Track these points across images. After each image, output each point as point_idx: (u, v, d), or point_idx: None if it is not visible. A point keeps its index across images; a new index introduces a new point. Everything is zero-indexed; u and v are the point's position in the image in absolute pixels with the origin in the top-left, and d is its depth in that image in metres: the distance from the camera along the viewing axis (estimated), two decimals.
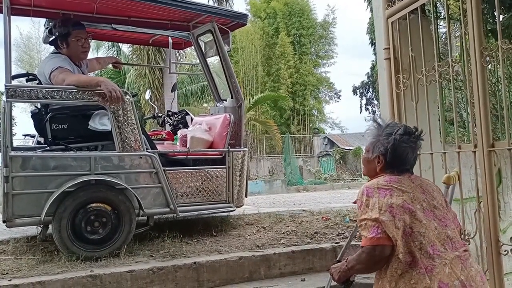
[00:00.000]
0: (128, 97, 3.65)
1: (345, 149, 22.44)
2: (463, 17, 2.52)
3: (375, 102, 29.42)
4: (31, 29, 34.66)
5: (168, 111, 5.27)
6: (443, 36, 7.61)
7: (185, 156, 4.05)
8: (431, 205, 1.87)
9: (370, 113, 30.32)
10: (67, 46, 3.84)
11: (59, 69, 3.62)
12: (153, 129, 5.68)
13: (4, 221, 3.28)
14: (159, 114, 5.36)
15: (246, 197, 4.46)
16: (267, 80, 25.29)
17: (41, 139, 4.12)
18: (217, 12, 4.44)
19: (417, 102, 2.89)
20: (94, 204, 3.49)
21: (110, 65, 5.17)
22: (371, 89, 29.52)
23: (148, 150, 3.75)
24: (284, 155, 19.11)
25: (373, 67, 26.19)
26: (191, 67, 19.19)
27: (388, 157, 1.94)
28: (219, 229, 4.26)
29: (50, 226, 3.48)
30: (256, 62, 23.62)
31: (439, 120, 2.98)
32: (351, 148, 22.03)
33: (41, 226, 3.71)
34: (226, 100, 4.52)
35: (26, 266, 3.19)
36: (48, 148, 3.72)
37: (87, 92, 3.52)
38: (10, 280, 2.88)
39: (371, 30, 21.91)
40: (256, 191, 13.46)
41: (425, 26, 3.03)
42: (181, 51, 13.77)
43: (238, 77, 19.98)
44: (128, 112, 3.61)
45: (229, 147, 4.14)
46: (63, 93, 3.46)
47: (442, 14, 4.77)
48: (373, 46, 21.93)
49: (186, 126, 4.85)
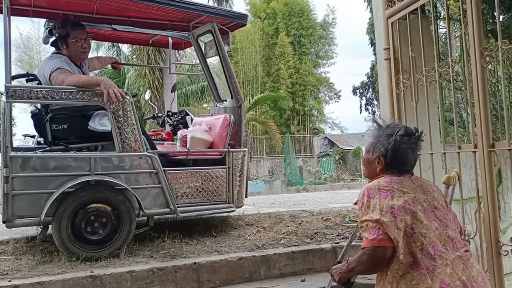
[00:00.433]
0: (128, 98, 3.65)
1: (345, 149, 22.46)
2: (463, 17, 2.51)
3: (375, 103, 29.41)
4: (31, 30, 34.67)
5: (168, 112, 5.27)
6: (443, 37, 7.62)
7: (185, 157, 4.05)
8: (432, 206, 1.87)
9: (370, 114, 30.33)
10: (67, 47, 3.85)
11: (59, 70, 3.62)
12: (153, 130, 5.69)
13: (4, 222, 3.28)
14: (159, 115, 5.36)
15: (246, 198, 4.46)
16: (267, 80, 25.30)
17: (41, 140, 4.13)
18: (217, 13, 4.44)
19: (417, 103, 2.89)
20: (94, 205, 3.49)
21: (110, 65, 5.17)
22: (371, 89, 29.50)
23: (148, 151, 3.75)
24: (284, 156, 19.12)
25: (373, 67, 26.17)
26: (191, 68, 19.18)
27: (389, 158, 1.94)
28: (219, 230, 4.26)
29: (50, 227, 3.48)
30: (256, 63, 23.62)
31: (439, 121, 2.97)
32: (351, 149, 22.04)
33: (41, 227, 3.72)
34: (226, 101, 4.52)
35: (26, 267, 3.19)
36: (48, 149, 3.72)
37: (87, 93, 3.52)
38: (10, 281, 2.88)
39: (371, 30, 21.90)
40: (256, 192, 13.47)
41: (425, 27, 3.03)
42: (181, 52, 13.78)
43: (238, 78, 19.98)
44: (128, 113, 3.61)
45: (229, 148, 4.14)
46: (63, 94, 3.46)
47: (442, 15, 4.77)
48: (373, 46, 21.93)
49: (186, 127, 4.85)
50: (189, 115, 5.05)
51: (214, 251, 3.59)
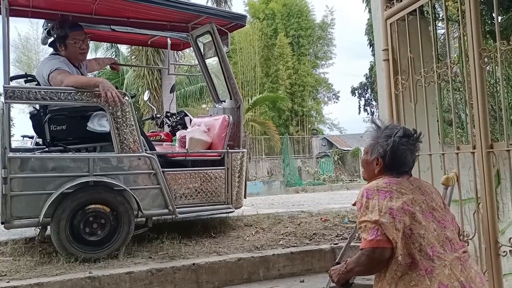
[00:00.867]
0: (127, 98, 3.64)
1: (344, 150, 22.47)
2: (462, 18, 2.52)
3: (374, 103, 29.39)
4: (30, 30, 34.71)
5: (167, 112, 5.27)
6: (442, 37, 7.62)
7: (184, 157, 4.05)
8: (430, 207, 1.87)
9: (369, 114, 30.32)
10: (65, 48, 3.84)
11: (57, 71, 3.62)
12: (152, 130, 5.69)
13: (3, 223, 3.27)
14: (158, 115, 5.36)
15: (245, 198, 4.46)
16: (266, 81, 25.31)
17: (40, 140, 4.12)
18: (216, 13, 4.44)
19: (416, 103, 2.89)
20: (93, 206, 3.49)
21: (108, 66, 5.17)
22: (370, 90, 29.47)
23: (147, 151, 3.75)
24: (283, 156, 19.13)
25: (372, 68, 26.14)
26: (190, 68, 19.16)
27: (387, 159, 1.93)
28: (218, 230, 4.26)
29: (49, 228, 3.47)
30: (255, 63, 23.63)
31: (438, 121, 2.98)
32: (350, 149, 22.06)
33: (40, 228, 3.70)
34: (225, 101, 4.52)
35: (25, 268, 3.19)
36: (47, 149, 3.71)
37: (86, 93, 3.52)
38: (9, 282, 2.88)
39: (370, 31, 21.89)
40: (255, 192, 13.46)
41: (424, 28, 3.03)
42: (180, 52, 13.77)
43: (237, 78, 19.97)
44: (127, 113, 3.61)
45: (228, 148, 4.14)
46: (62, 94, 3.46)
47: (441, 15, 4.78)
48: (372, 47, 21.91)
49: (185, 127, 4.85)
50: (188, 116, 5.05)
51: (213, 252, 3.59)
